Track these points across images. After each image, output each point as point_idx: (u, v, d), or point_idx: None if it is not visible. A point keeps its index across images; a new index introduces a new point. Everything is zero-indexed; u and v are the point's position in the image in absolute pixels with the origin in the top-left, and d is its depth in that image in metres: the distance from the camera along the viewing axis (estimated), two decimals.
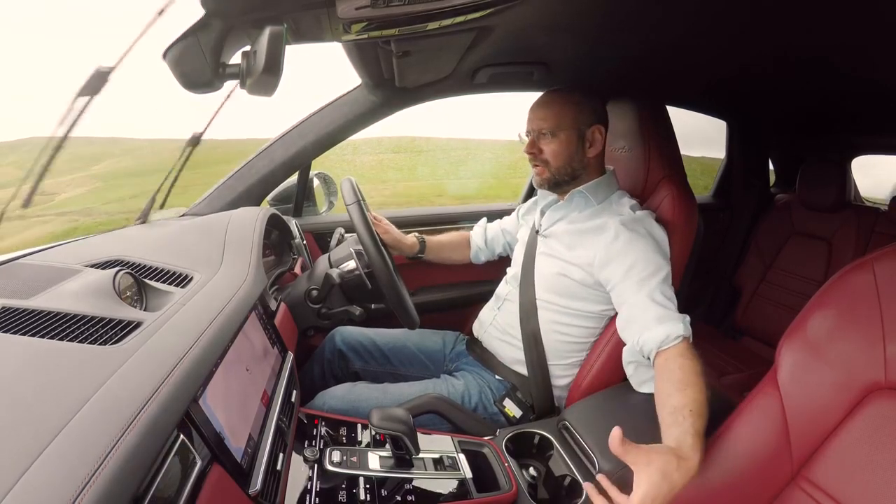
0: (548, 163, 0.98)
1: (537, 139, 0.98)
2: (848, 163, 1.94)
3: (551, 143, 0.97)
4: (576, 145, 0.97)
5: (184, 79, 0.61)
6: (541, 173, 1.00)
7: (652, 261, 0.88)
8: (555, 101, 0.98)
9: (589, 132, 0.98)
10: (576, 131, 0.97)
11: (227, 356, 0.56)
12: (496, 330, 1.10)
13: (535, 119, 0.98)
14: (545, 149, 0.98)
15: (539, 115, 0.98)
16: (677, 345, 0.79)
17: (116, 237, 0.87)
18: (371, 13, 0.63)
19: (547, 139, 0.97)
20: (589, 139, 0.98)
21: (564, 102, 0.97)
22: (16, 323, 0.46)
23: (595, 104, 1.00)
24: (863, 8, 0.70)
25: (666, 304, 0.84)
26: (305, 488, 0.66)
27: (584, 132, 0.97)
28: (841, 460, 0.59)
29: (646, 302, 0.84)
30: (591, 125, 0.97)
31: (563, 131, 0.96)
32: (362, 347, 1.15)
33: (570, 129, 0.96)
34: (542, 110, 0.98)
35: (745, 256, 2.03)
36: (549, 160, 0.98)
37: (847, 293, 0.64)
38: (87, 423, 0.35)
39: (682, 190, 1.02)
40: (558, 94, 0.99)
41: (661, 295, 0.85)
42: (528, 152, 1.00)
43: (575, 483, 0.79)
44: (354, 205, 0.97)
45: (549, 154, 0.97)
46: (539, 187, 1.05)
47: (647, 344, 0.81)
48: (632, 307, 0.86)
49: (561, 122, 0.96)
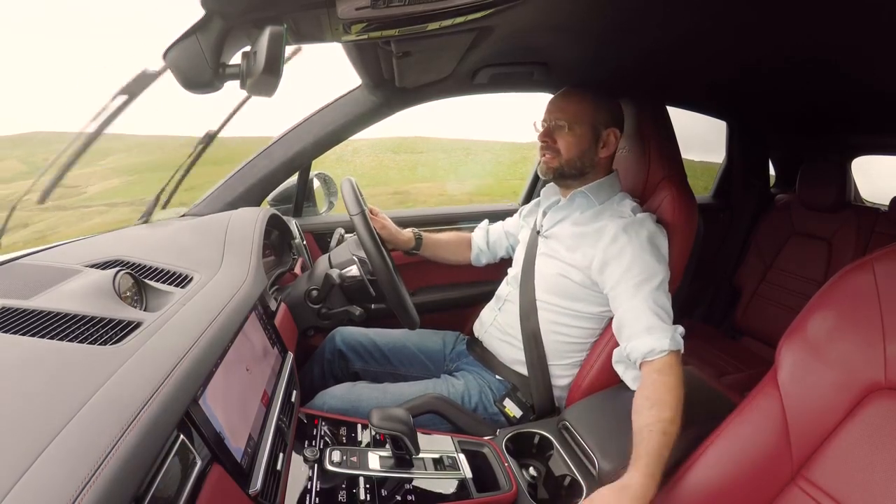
0: (559, 153, 0.99)
1: (553, 130, 0.99)
2: (848, 163, 1.94)
3: (567, 136, 0.98)
4: (590, 143, 0.98)
5: (184, 79, 0.61)
6: (549, 161, 1.00)
7: (649, 265, 0.88)
8: (576, 97, 0.99)
9: (605, 133, 0.99)
10: (592, 129, 0.98)
11: (227, 356, 0.56)
12: (497, 330, 1.10)
13: (555, 110, 0.99)
14: (559, 140, 0.99)
15: (559, 107, 0.99)
16: (661, 358, 0.81)
17: (116, 237, 0.87)
18: (371, 13, 0.62)
19: (563, 132, 0.98)
20: (603, 140, 0.99)
21: (585, 100, 0.98)
22: (16, 323, 0.46)
23: (614, 108, 1.02)
24: (862, 9, 0.70)
25: (658, 313, 0.85)
26: (305, 488, 0.66)
27: (600, 132, 0.99)
28: (841, 460, 0.59)
29: (638, 308, 0.85)
30: (607, 126, 0.99)
31: (580, 126, 0.97)
32: (362, 348, 1.15)
33: (586, 125, 0.97)
34: (563, 102, 0.99)
35: (745, 256, 2.03)
36: (561, 150, 0.98)
37: (847, 293, 0.64)
38: (87, 423, 0.35)
39: (682, 190, 1.02)
40: (580, 91, 1.00)
41: (655, 303, 0.86)
42: (542, 139, 1.00)
43: (575, 483, 0.79)
44: (359, 215, 0.97)
45: (563, 145, 0.98)
46: (544, 176, 1.05)
47: (633, 353, 0.84)
48: (625, 312, 0.87)
49: (579, 118, 0.97)
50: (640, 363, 0.83)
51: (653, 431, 0.72)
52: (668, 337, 0.81)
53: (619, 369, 0.92)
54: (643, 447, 0.71)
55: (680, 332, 0.84)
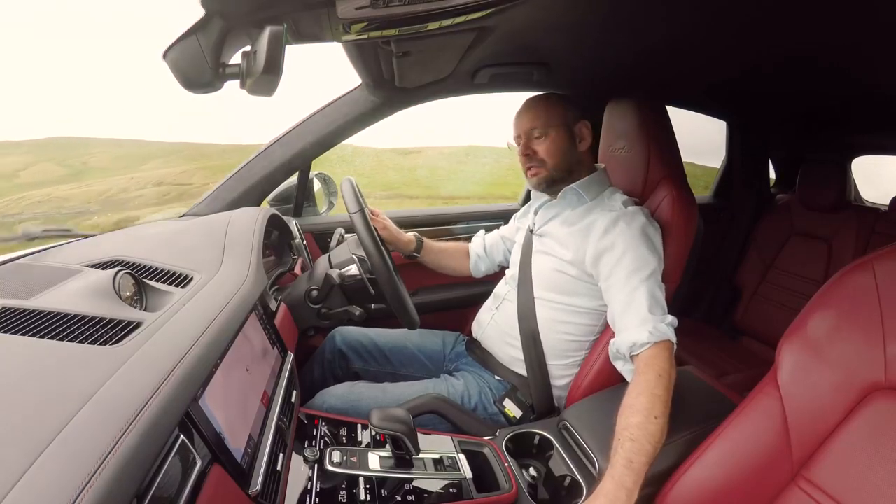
0: (544, 161, 1.00)
1: (529, 141, 1.00)
2: (848, 163, 1.94)
3: (544, 142, 0.99)
4: (568, 141, 1.00)
5: (184, 79, 0.61)
6: (537, 174, 1.01)
7: (641, 256, 0.88)
8: (539, 103, 1.01)
9: (576, 127, 1.01)
10: (565, 127, 0.99)
11: (227, 356, 0.56)
12: (494, 331, 1.10)
13: (524, 122, 1.01)
14: (539, 149, 1.00)
15: (527, 117, 1.01)
16: (644, 352, 0.81)
17: (116, 237, 0.87)
18: (371, 13, 0.63)
19: (540, 139, 0.99)
20: (578, 134, 1.01)
21: (548, 103, 1.01)
22: (16, 323, 0.46)
23: (573, 101, 1.03)
24: (862, 9, 0.70)
25: (649, 304, 0.84)
26: (305, 488, 0.65)
27: (573, 127, 1.00)
28: (841, 460, 0.59)
29: (628, 300, 0.85)
30: (577, 120, 1.01)
31: (554, 128, 0.99)
32: (362, 347, 1.15)
33: (559, 125, 0.99)
34: (530, 112, 1.01)
35: (745, 256, 2.03)
36: (544, 159, 1.00)
37: (847, 293, 0.64)
38: (87, 423, 0.35)
39: (682, 190, 1.02)
40: (540, 98, 1.03)
41: (645, 293, 0.85)
42: (523, 155, 1.01)
43: (575, 483, 0.79)
44: (358, 213, 0.97)
45: (544, 153, 0.99)
46: (536, 189, 1.06)
47: (621, 347, 0.85)
48: (617, 304, 0.88)
49: (550, 120, 0.99)
50: (629, 357, 0.84)
51: (620, 440, 0.72)
52: (648, 330, 0.81)
53: (619, 365, 0.91)
54: (614, 456, 0.71)
55: (668, 321, 0.83)
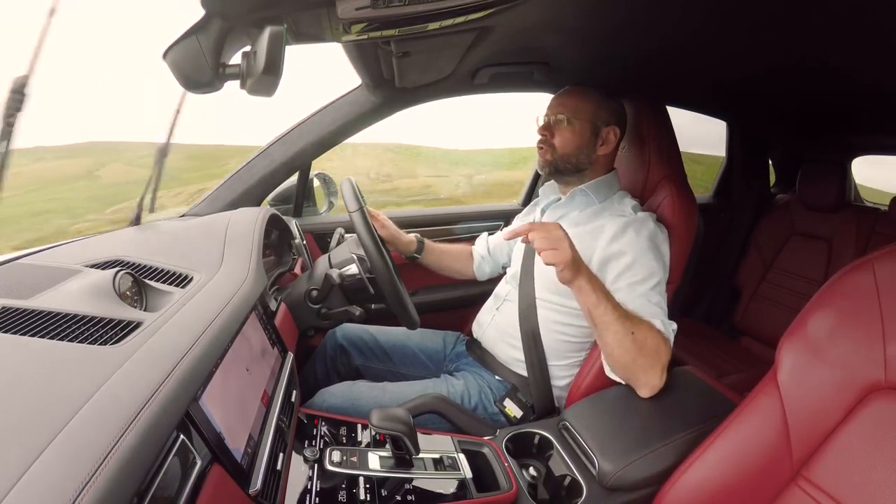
0: (554, 147, 1.01)
1: (553, 124, 1.01)
2: (848, 163, 1.94)
3: (565, 131, 1.00)
4: (588, 139, 1.00)
5: (184, 79, 0.61)
6: (543, 154, 1.03)
7: (648, 265, 0.89)
8: (578, 93, 1.02)
9: (604, 130, 1.00)
10: (591, 125, 0.99)
11: (227, 356, 0.56)
12: (495, 331, 1.10)
13: (556, 105, 1.02)
14: (557, 135, 1.01)
15: (559, 102, 1.02)
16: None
17: (116, 237, 0.87)
18: (371, 13, 0.63)
19: (562, 126, 1.00)
20: (603, 137, 1.01)
21: (586, 96, 1.01)
22: (16, 323, 0.46)
23: (616, 107, 1.03)
24: (862, 10, 0.70)
25: (654, 311, 0.85)
26: (305, 488, 0.65)
27: (600, 129, 1.00)
28: (841, 460, 0.59)
29: (634, 306, 0.86)
30: (608, 124, 1.00)
31: (579, 121, 0.99)
32: (363, 343, 1.15)
33: (585, 121, 0.99)
34: (564, 98, 1.02)
35: (745, 256, 2.03)
36: (556, 145, 1.01)
37: (847, 293, 0.64)
38: (87, 423, 0.35)
39: (682, 190, 1.02)
40: (584, 88, 1.03)
41: (649, 301, 0.86)
42: (541, 133, 1.03)
43: (575, 483, 0.79)
44: (357, 212, 0.97)
45: (559, 141, 1.00)
46: (540, 170, 1.08)
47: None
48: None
49: (578, 113, 0.99)
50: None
51: (616, 308, 0.81)
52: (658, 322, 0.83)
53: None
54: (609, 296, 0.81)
55: (672, 327, 0.86)
